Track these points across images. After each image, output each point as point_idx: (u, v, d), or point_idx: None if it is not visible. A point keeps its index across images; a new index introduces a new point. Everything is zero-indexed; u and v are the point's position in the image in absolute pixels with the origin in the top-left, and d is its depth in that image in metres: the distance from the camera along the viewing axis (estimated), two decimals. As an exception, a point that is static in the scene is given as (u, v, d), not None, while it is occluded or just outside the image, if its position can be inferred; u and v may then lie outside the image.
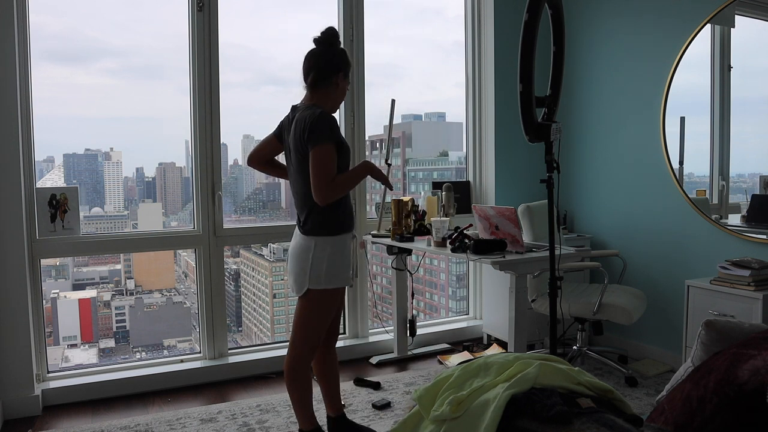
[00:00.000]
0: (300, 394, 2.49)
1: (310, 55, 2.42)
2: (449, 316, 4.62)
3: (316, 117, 2.28)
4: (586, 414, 1.60)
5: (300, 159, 2.36)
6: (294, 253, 2.44)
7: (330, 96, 2.43)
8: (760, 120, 3.23)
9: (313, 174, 2.28)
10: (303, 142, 2.31)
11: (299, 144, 2.33)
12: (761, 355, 1.71)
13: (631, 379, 3.37)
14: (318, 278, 2.37)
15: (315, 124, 2.27)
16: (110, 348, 3.82)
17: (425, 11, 4.55)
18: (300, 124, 2.32)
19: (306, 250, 2.39)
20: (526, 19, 2.53)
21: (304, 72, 2.43)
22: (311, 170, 2.28)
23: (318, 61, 2.39)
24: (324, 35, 2.41)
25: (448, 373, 1.87)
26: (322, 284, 2.37)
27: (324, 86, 2.41)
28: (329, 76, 2.39)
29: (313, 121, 2.27)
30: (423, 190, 4.50)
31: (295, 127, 2.34)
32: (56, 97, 3.33)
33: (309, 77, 2.40)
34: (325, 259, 2.36)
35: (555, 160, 2.65)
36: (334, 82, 2.41)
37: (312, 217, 2.39)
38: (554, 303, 2.70)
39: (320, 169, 2.27)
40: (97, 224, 3.65)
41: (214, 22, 3.52)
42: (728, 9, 3.24)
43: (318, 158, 2.26)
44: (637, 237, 3.85)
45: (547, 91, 2.76)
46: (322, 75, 2.39)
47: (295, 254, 2.44)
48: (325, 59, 2.39)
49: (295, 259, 2.43)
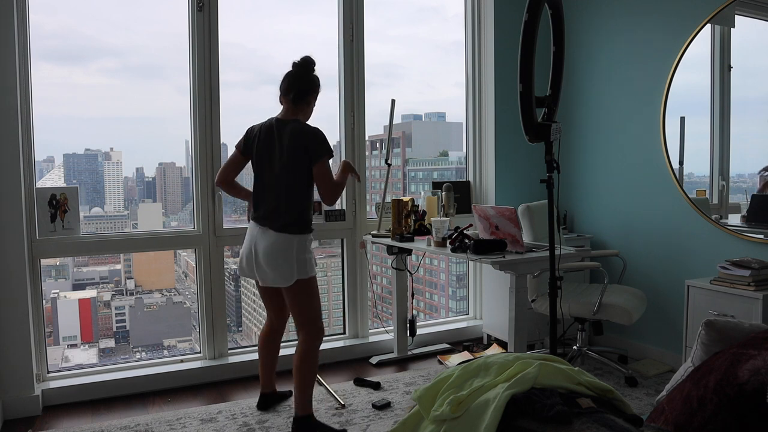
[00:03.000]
0: (312, 376, 2.80)
1: (291, 75, 2.83)
2: (449, 316, 4.62)
3: (317, 133, 2.74)
4: (586, 414, 1.60)
5: (294, 162, 2.73)
6: (272, 249, 2.73)
7: (305, 111, 2.86)
8: (760, 120, 3.23)
9: (323, 183, 2.74)
10: (306, 152, 2.71)
11: (298, 151, 2.71)
12: (761, 355, 1.71)
13: (631, 379, 3.37)
14: (304, 269, 2.75)
15: (320, 140, 2.73)
16: (110, 348, 3.82)
17: (423, 10, 4.55)
18: (301, 135, 2.72)
19: (287, 247, 2.72)
20: (526, 19, 2.53)
21: (284, 88, 2.82)
22: (321, 179, 2.73)
23: (299, 82, 2.81)
24: (303, 60, 2.85)
25: (448, 373, 1.87)
26: (308, 273, 2.77)
27: (301, 103, 2.82)
28: (305, 95, 2.82)
29: (317, 136, 2.73)
30: (423, 190, 4.50)
31: (294, 136, 2.72)
32: (56, 96, 3.33)
33: (290, 94, 2.80)
34: (305, 252, 2.77)
35: (555, 160, 2.65)
36: (307, 100, 2.84)
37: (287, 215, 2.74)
38: (554, 303, 2.70)
39: (329, 178, 2.75)
40: (97, 224, 3.65)
41: (214, 22, 3.52)
42: (728, 9, 3.24)
43: (325, 170, 2.73)
44: (637, 237, 3.85)
45: (547, 91, 2.76)
46: (301, 94, 2.81)
47: (273, 251, 2.73)
48: (305, 80, 2.83)
49: (274, 255, 2.73)
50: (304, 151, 2.71)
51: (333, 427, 2.85)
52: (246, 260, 2.85)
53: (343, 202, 3.95)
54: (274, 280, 2.76)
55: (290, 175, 2.74)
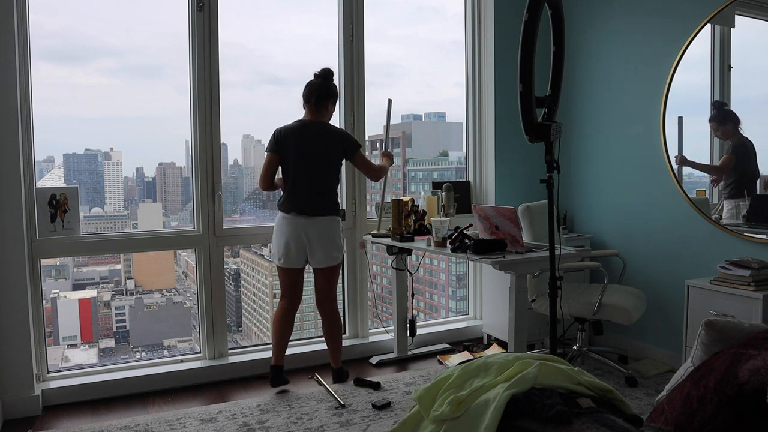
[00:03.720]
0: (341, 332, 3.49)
1: (311, 84, 3.30)
2: (449, 316, 4.62)
3: (346, 133, 3.42)
4: (586, 414, 1.60)
5: (331, 157, 3.28)
6: (325, 233, 3.25)
7: (325, 115, 3.33)
8: (760, 120, 3.23)
9: (368, 166, 3.42)
10: (341, 147, 3.29)
11: (334, 148, 3.28)
12: (761, 355, 1.71)
13: (631, 379, 3.37)
14: (342, 249, 3.40)
15: (350, 137, 3.39)
16: (110, 348, 3.82)
17: (423, 10, 4.56)
18: (334, 134, 3.30)
19: (335, 228, 3.29)
20: (526, 19, 2.53)
21: (306, 95, 3.30)
22: (365, 164, 3.41)
23: (318, 90, 3.28)
24: (323, 72, 3.31)
25: (448, 373, 1.87)
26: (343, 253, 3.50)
27: (322, 108, 3.30)
28: (324, 101, 3.29)
29: (348, 134, 3.40)
30: (423, 190, 4.50)
31: (327, 136, 3.28)
32: (56, 96, 3.33)
33: (312, 99, 3.28)
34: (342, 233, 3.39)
35: (555, 160, 2.65)
36: (325, 105, 3.31)
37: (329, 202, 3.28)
38: (554, 303, 2.70)
39: (370, 163, 3.45)
40: (97, 224, 3.65)
41: (214, 22, 3.51)
42: (728, 9, 3.24)
43: (364, 157, 3.41)
44: (637, 237, 3.85)
45: (547, 91, 2.76)
46: (320, 100, 3.28)
47: (326, 233, 3.25)
48: (324, 88, 3.29)
49: (327, 237, 3.25)
50: (340, 147, 3.27)
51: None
52: (295, 248, 3.26)
53: (343, 202, 3.96)
54: (328, 259, 3.29)
55: (327, 169, 3.26)
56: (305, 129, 3.25)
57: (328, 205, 3.26)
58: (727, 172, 3.36)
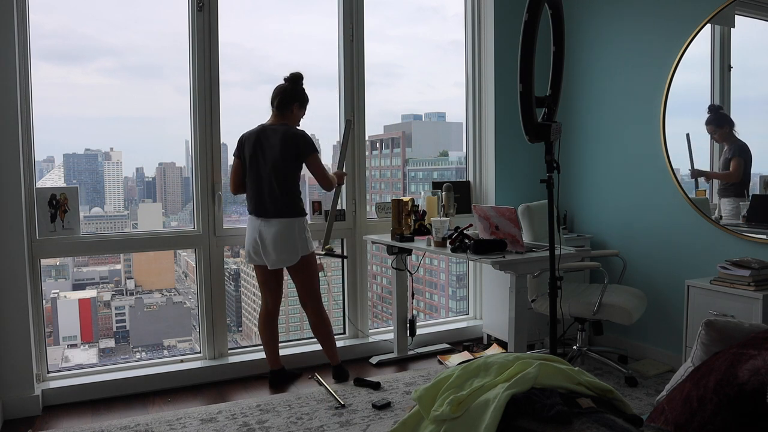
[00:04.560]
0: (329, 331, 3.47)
1: (278, 87, 3.33)
2: (449, 316, 4.62)
3: (304, 135, 3.28)
4: (586, 414, 1.60)
5: (285, 159, 3.22)
6: (279, 235, 3.23)
7: (290, 117, 3.33)
8: (760, 120, 3.23)
9: (319, 173, 3.32)
10: (297, 149, 3.24)
11: (291, 149, 3.23)
12: (761, 355, 1.71)
13: (631, 379, 3.37)
14: (305, 246, 3.30)
15: (307, 139, 3.28)
16: (110, 348, 3.82)
17: (423, 9, 4.55)
18: (290, 137, 3.24)
19: (291, 229, 3.25)
20: (526, 19, 2.53)
21: (271, 99, 3.33)
22: (318, 170, 3.31)
23: (282, 93, 3.31)
24: (292, 75, 3.34)
25: (448, 373, 1.87)
26: (309, 249, 3.32)
27: (285, 111, 3.31)
28: (289, 104, 3.31)
29: (304, 137, 3.28)
30: (423, 190, 4.50)
31: (285, 138, 3.23)
32: (55, 96, 3.33)
33: (275, 102, 3.32)
34: (303, 231, 3.31)
35: (555, 160, 2.65)
36: (290, 108, 3.32)
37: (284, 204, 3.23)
38: (554, 303, 2.70)
39: (323, 169, 3.34)
40: (97, 224, 3.65)
41: (214, 22, 3.51)
42: (728, 9, 3.24)
43: (318, 162, 3.31)
44: (637, 237, 3.85)
45: (547, 91, 2.76)
46: (283, 102, 3.31)
47: (281, 235, 3.23)
48: (288, 91, 3.31)
49: (281, 239, 3.23)
50: (294, 150, 3.23)
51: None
52: (253, 249, 3.33)
53: (343, 202, 3.95)
54: (282, 261, 3.27)
55: (282, 171, 3.22)
56: (263, 133, 3.28)
57: (285, 207, 3.23)
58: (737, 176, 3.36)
